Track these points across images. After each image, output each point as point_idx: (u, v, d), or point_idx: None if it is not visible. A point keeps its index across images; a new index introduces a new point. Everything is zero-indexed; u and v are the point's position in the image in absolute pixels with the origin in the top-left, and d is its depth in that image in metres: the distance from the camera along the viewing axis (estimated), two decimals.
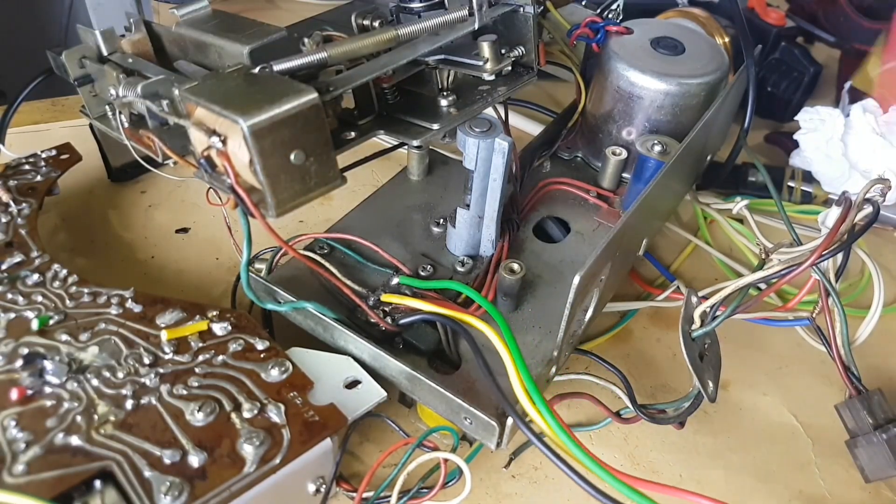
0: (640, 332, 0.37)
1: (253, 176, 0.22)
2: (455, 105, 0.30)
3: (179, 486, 0.22)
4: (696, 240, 0.42)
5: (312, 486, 0.26)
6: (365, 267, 0.33)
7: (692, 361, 0.27)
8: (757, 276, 0.28)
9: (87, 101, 0.36)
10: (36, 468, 0.23)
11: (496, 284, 0.32)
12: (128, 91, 0.28)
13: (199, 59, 0.31)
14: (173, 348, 0.28)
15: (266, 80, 0.24)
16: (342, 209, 0.37)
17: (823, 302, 0.30)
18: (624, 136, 0.40)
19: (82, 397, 0.26)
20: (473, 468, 0.27)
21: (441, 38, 0.29)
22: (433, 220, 0.36)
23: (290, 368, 0.27)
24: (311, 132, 0.23)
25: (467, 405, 0.26)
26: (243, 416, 0.25)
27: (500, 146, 0.30)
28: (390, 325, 0.29)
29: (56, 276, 0.32)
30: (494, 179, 0.31)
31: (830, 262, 0.30)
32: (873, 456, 0.29)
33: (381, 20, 0.31)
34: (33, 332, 0.28)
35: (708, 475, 0.30)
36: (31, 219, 0.35)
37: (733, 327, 0.36)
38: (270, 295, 0.31)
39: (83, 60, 0.34)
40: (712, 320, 0.28)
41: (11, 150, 0.42)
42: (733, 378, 0.35)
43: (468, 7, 0.29)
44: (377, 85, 0.29)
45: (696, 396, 0.29)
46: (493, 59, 0.28)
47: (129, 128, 0.30)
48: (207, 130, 0.23)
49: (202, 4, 0.32)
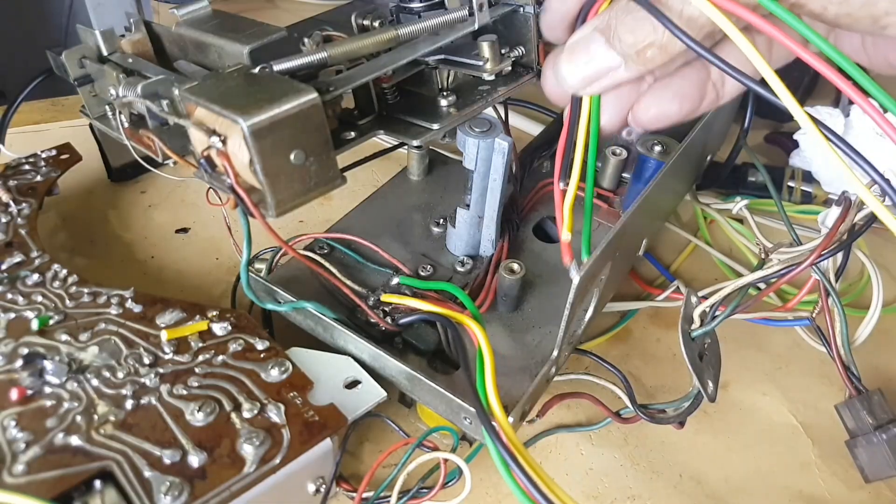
0: (640, 332, 0.37)
1: (253, 176, 0.22)
2: (455, 105, 0.30)
3: (179, 486, 0.22)
4: (696, 240, 0.42)
5: (312, 486, 0.26)
6: (365, 267, 0.33)
7: (692, 361, 0.27)
8: (756, 275, 0.28)
9: (87, 101, 0.35)
10: (36, 468, 0.23)
11: (496, 285, 0.32)
12: (128, 91, 0.28)
13: (199, 59, 0.31)
14: (173, 348, 0.28)
15: (266, 80, 0.24)
16: (342, 209, 0.37)
17: (823, 302, 0.30)
18: (624, 136, 0.40)
19: (82, 397, 0.26)
20: (473, 468, 0.27)
21: (441, 38, 0.29)
22: (433, 220, 0.36)
23: (290, 368, 0.27)
24: (311, 132, 0.23)
25: (467, 405, 0.26)
26: (243, 416, 0.25)
27: (500, 146, 0.30)
28: (390, 324, 0.29)
29: (56, 276, 0.32)
30: (494, 179, 0.31)
31: (830, 261, 0.30)
32: (873, 456, 0.29)
33: (381, 20, 0.31)
34: (33, 332, 0.28)
35: (708, 475, 0.30)
36: (31, 219, 0.35)
37: (733, 327, 0.36)
38: (270, 295, 0.31)
39: (83, 60, 0.34)
40: (712, 320, 0.28)
41: (11, 150, 0.42)
42: (733, 378, 0.35)
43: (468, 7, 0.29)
44: (377, 85, 0.29)
45: (696, 396, 0.29)
46: (493, 59, 0.28)
47: (129, 128, 0.30)
48: (207, 130, 0.23)
49: (202, 4, 0.32)
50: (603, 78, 0.22)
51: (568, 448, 0.31)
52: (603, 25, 0.22)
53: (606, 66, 0.22)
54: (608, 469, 0.30)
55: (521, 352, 0.30)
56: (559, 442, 0.31)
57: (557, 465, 0.31)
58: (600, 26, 0.22)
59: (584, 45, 0.22)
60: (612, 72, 0.22)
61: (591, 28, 0.22)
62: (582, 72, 0.22)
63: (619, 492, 0.30)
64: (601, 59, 0.22)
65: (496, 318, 0.31)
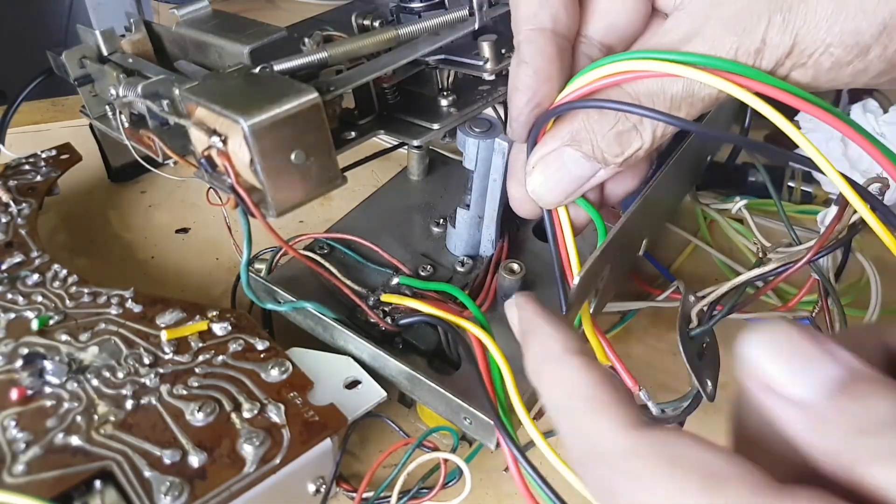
0: (640, 332, 0.37)
1: (253, 176, 0.22)
2: (455, 105, 0.30)
3: (179, 486, 0.22)
4: (696, 240, 0.42)
5: (312, 487, 0.26)
6: (365, 267, 0.33)
7: (690, 361, 0.27)
8: (753, 273, 0.28)
9: (87, 102, 0.35)
10: (36, 468, 0.23)
11: (496, 285, 0.32)
12: (128, 91, 0.28)
13: (199, 59, 0.31)
14: (173, 348, 0.28)
15: (266, 80, 0.24)
16: (342, 209, 0.37)
17: (823, 302, 0.30)
18: None
19: (82, 397, 0.26)
20: (473, 468, 0.27)
21: (441, 38, 0.29)
22: (433, 220, 0.36)
23: (290, 368, 0.27)
24: (311, 132, 0.23)
25: (467, 405, 0.26)
26: (243, 416, 0.25)
27: (500, 146, 0.30)
28: (390, 325, 0.29)
29: (56, 276, 0.32)
30: (494, 179, 0.31)
31: (830, 262, 0.30)
32: None
33: (381, 20, 0.31)
34: (33, 333, 0.28)
35: None
36: (31, 219, 0.35)
37: (732, 328, 0.35)
38: (270, 295, 0.31)
39: (83, 60, 0.34)
40: (710, 319, 0.28)
41: (11, 150, 0.42)
42: (733, 379, 0.35)
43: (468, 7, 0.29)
44: (377, 85, 0.29)
45: (696, 396, 0.28)
46: (493, 58, 0.28)
47: (129, 128, 0.30)
48: (208, 130, 0.23)
49: (202, 4, 0.32)
50: (584, 185, 0.22)
51: None
52: (571, 139, 0.21)
53: (586, 175, 0.22)
54: None
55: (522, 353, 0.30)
56: (558, 442, 0.31)
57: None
58: (567, 140, 0.21)
59: (555, 162, 0.22)
60: (592, 178, 0.22)
61: (558, 142, 0.22)
62: (561, 187, 0.22)
63: None
64: (579, 170, 0.22)
65: (496, 319, 0.31)
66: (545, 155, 0.22)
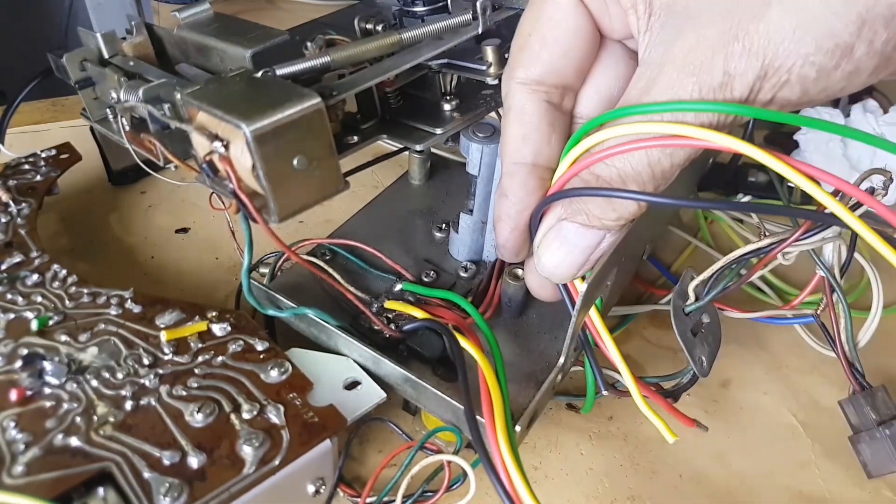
0: (640, 333, 0.37)
1: (255, 181, 0.22)
2: (458, 109, 0.30)
3: (179, 487, 0.22)
4: (697, 241, 0.42)
5: (312, 488, 0.26)
6: (368, 273, 0.33)
7: (682, 335, 0.27)
8: (749, 248, 0.28)
9: (87, 104, 0.35)
10: (35, 469, 0.23)
11: (500, 290, 0.31)
12: (129, 94, 0.28)
13: (200, 63, 0.31)
14: (173, 349, 0.28)
15: (269, 85, 0.24)
16: (342, 210, 0.37)
17: (828, 298, 0.30)
18: None
19: (82, 398, 0.26)
20: (478, 471, 0.27)
21: (444, 42, 0.29)
22: (435, 225, 0.36)
23: (289, 369, 0.27)
24: (314, 137, 0.23)
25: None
26: (243, 417, 0.25)
27: None
28: (394, 331, 0.29)
29: (56, 276, 0.32)
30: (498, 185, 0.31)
31: (835, 258, 0.30)
32: (876, 451, 0.29)
33: (384, 24, 0.31)
34: (33, 333, 0.28)
35: (708, 475, 0.31)
36: (30, 219, 0.35)
37: (734, 326, 0.36)
38: (272, 301, 0.31)
39: (84, 63, 0.34)
40: (707, 295, 0.28)
41: (11, 150, 0.42)
42: (733, 377, 0.35)
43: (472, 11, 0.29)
44: (380, 89, 0.29)
45: (693, 376, 0.29)
46: (496, 63, 0.28)
47: (130, 131, 0.30)
48: (209, 135, 0.23)
49: (204, 7, 0.32)
50: (594, 253, 0.22)
51: (568, 448, 0.31)
52: (566, 213, 0.22)
53: (592, 244, 0.22)
54: (608, 469, 0.30)
55: (527, 358, 0.29)
56: (559, 442, 0.31)
57: (557, 465, 0.31)
58: (562, 214, 0.22)
59: (557, 238, 0.22)
60: (601, 244, 0.22)
61: (554, 219, 0.22)
62: (569, 260, 0.22)
63: (619, 492, 0.30)
64: (583, 241, 0.22)
65: (501, 324, 0.31)
66: (545, 233, 0.23)
